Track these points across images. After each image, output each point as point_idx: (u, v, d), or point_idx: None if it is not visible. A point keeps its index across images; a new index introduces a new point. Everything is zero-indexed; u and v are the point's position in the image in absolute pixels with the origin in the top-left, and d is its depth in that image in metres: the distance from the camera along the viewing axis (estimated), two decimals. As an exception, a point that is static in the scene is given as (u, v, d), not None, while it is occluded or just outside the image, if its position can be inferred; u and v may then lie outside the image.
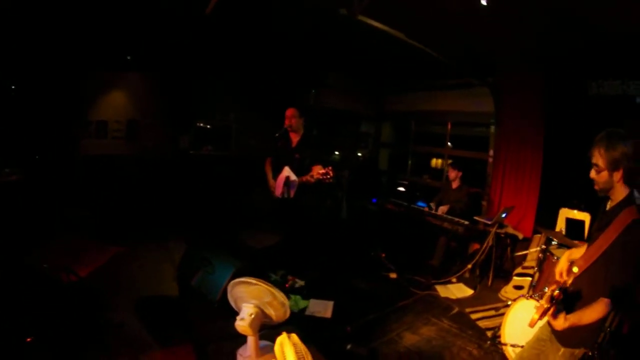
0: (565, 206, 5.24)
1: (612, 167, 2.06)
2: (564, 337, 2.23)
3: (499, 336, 3.84)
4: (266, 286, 2.50)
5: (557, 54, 5.38)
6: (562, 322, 2.02)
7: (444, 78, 7.70)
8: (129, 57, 6.78)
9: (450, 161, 7.13)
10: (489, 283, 5.63)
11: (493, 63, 6.43)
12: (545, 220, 5.45)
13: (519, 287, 5.01)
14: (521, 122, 6.21)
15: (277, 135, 4.93)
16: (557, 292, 2.07)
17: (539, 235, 5.37)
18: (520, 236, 5.85)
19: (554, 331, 2.29)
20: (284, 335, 2.41)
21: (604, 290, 2.02)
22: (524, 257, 5.49)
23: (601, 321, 2.13)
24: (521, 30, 4.92)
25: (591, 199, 4.65)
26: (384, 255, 6.10)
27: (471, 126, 8.10)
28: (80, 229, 5.85)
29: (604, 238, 2.12)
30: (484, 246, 5.52)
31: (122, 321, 3.75)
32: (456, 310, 4.85)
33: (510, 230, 5.75)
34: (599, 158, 2.09)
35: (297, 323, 3.75)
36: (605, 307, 1.99)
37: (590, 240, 2.31)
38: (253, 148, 5.40)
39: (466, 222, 5.78)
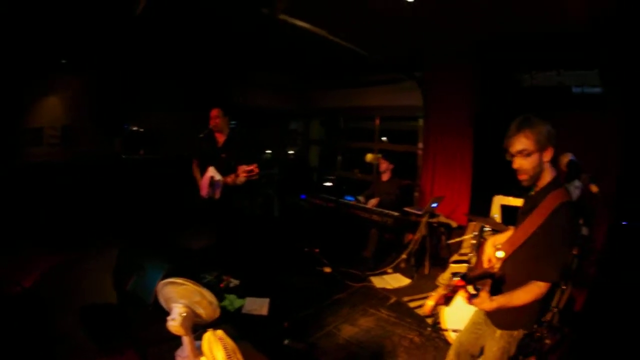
0: (499, 193, 5.41)
1: (541, 146, 2.06)
2: (497, 319, 2.27)
3: (439, 322, 3.87)
4: (194, 286, 2.48)
5: (487, 47, 5.49)
6: (487, 304, 2.05)
7: (372, 74, 7.74)
8: (63, 61, 6.35)
9: (379, 155, 7.12)
10: (426, 271, 5.72)
11: (421, 57, 6.51)
12: (481, 208, 5.64)
13: (456, 274, 5.06)
14: (450, 114, 6.34)
15: (201, 135, 4.90)
16: (456, 279, 2.12)
17: (474, 222, 5.50)
18: (454, 224, 5.99)
19: (487, 314, 2.33)
20: (209, 332, 2.49)
21: (535, 273, 2.04)
22: (460, 244, 5.59)
23: (540, 302, 2.14)
24: (448, 25, 4.95)
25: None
26: (317, 250, 6.02)
27: (400, 120, 8.22)
28: (22, 238, 5.47)
29: (530, 221, 2.14)
30: (416, 236, 5.60)
31: (67, 331, 3.56)
32: (394, 299, 4.86)
33: (442, 219, 5.87)
34: (525, 142, 2.07)
35: (234, 322, 3.83)
36: (537, 289, 2.01)
37: (516, 224, 2.32)
38: (184, 150, 5.21)
39: (396, 214, 5.78)
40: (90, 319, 3.80)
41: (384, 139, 8.44)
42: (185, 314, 2.45)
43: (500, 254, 2.27)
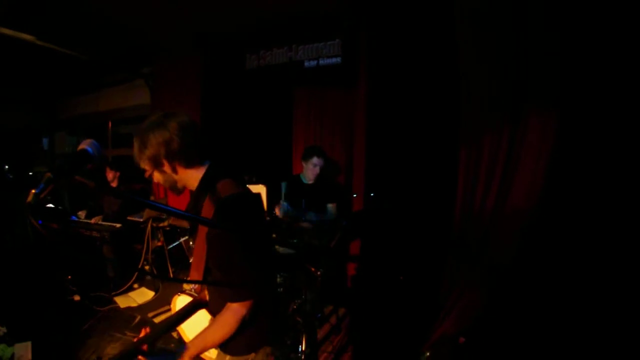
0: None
1: (154, 164, 1.69)
2: (225, 345, 1.79)
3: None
4: None
5: (211, 37, 5.44)
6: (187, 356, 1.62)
7: (103, 76, 7.34)
8: None
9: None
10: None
11: (149, 53, 6.28)
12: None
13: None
14: (178, 107, 5.99)
15: None
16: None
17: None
18: (187, 225, 5.85)
19: None
20: None
21: (224, 296, 1.68)
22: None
23: (261, 317, 1.74)
24: (168, 18, 4.86)
25: (264, 171, 4.63)
26: (69, 277, 5.47)
27: (133, 122, 7.80)
28: None
29: (199, 240, 1.76)
30: (144, 245, 5.37)
31: None
32: (138, 318, 4.61)
33: (173, 221, 5.62)
34: (141, 164, 1.71)
35: None
36: (232, 315, 1.63)
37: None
38: None
39: (117, 226, 5.45)
40: None
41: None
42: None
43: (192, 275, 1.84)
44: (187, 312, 1.82)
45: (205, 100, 5.98)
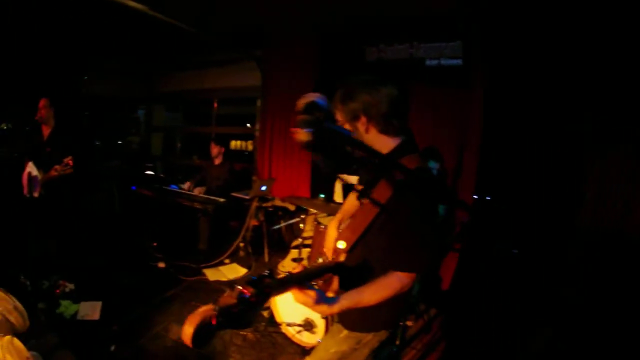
0: (342, 172, 5.23)
1: (352, 116, 1.72)
2: (344, 316, 1.83)
3: (274, 315, 3.62)
4: (5, 295, 2.26)
5: (331, 23, 5.36)
6: (327, 307, 1.47)
7: (210, 54, 7.37)
8: None
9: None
10: (266, 259, 5.48)
11: (261, 35, 6.26)
12: (325, 189, 5.40)
13: (297, 260, 4.90)
14: (291, 93, 6.07)
15: (27, 129, 4.63)
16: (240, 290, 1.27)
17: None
18: (292, 207, 5.77)
19: (339, 314, 1.87)
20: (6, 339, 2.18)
21: (392, 262, 1.62)
22: (304, 228, 5.36)
23: (402, 297, 1.67)
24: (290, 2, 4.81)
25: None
26: (155, 244, 5.59)
27: (239, 103, 7.95)
28: None
29: (371, 202, 1.72)
30: (247, 222, 5.34)
31: None
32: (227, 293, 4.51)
33: (278, 202, 5.61)
34: (338, 112, 1.75)
35: (68, 329, 3.57)
36: (396, 282, 1.59)
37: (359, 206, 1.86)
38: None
39: (221, 200, 5.48)
40: None
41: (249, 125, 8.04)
42: (-1, 320, 2.22)
43: (342, 245, 1.82)
44: (323, 270, 1.75)
45: (320, 88, 5.79)
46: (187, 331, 1.22)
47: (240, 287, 1.19)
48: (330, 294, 1.56)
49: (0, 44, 5.77)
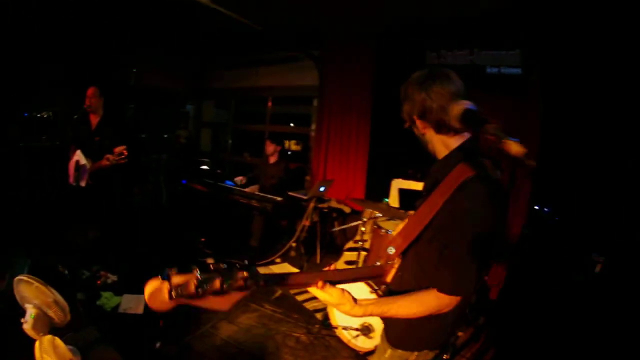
0: (398, 177, 5.17)
1: (408, 117, 1.67)
2: (389, 333, 1.72)
3: (329, 318, 3.55)
4: (44, 287, 2.31)
5: (392, 29, 5.32)
6: (349, 308, 1.39)
7: (267, 52, 7.40)
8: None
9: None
10: (317, 260, 5.43)
11: (319, 35, 6.24)
12: (379, 192, 5.34)
13: (350, 263, 4.85)
14: (347, 94, 6.08)
15: (75, 117, 4.47)
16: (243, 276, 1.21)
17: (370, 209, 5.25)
18: (347, 209, 5.70)
19: (385, 327, 1.78)
20: (45, 338, 2.23)
21: (436, 280, 1.46)
22: (356, 230, 5.27)
23: (450, 317, 1.54)
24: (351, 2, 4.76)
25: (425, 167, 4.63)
26: (203, 239, 5.55)
27: (294, 102, 7.94)
28: None
29: (426, 207, 1.54)
30: (304, 222, 5.28)
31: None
32: (279, 292, 4.47)
33: (334, 204, 5.55)
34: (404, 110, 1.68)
35: (109, 322, 3.53)
36: (435, 301, 1.43)
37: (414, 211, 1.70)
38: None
39: (278, 199, 5.45)
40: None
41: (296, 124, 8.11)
42: (35, 316, 2.28)
43: (392, 250, 1.65)
44: (364, 275, 1.78)
45: (378, 90, 5.85)
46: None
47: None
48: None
49: (50, 31, 5.87)
